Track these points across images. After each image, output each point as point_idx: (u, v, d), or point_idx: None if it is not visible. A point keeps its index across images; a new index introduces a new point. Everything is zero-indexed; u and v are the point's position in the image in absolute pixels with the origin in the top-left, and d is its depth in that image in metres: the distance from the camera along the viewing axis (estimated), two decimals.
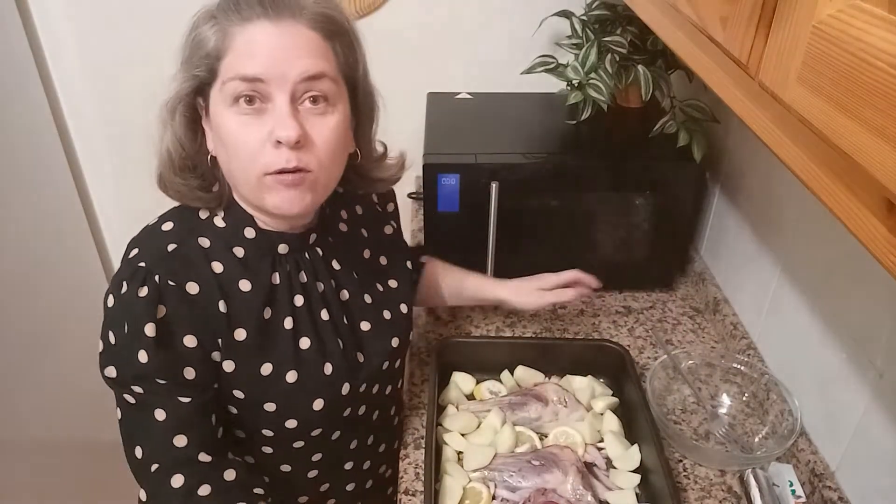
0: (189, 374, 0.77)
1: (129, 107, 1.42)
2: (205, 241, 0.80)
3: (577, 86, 1.28)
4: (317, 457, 0.90)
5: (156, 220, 0.82)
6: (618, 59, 1.26)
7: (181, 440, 0.76)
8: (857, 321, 0.90)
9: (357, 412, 0.91)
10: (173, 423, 0.76)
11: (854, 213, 0.42)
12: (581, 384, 1.11)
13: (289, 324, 0.83)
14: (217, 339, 0.78)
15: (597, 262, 1.35)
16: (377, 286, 0.95)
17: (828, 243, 0.97)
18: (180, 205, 0.83)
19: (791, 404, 1.03)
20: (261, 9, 0.72)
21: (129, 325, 0.74)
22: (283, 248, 0.84)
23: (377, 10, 1.51)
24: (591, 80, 1.26)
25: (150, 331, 0.73)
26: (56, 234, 1.66)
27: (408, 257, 1.04)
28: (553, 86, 1.40)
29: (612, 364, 1.12)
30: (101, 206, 1.80)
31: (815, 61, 0.43)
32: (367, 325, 0.91)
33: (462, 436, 1.03)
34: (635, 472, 0.98)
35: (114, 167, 1.72)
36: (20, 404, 1.53)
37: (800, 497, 0.92)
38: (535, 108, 1.46)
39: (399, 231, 1.05)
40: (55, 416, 1.65)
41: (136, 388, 0.75)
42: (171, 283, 0.75)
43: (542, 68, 1.33)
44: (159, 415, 0.76)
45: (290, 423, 0.84)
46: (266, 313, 0.81)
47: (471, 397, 1.12)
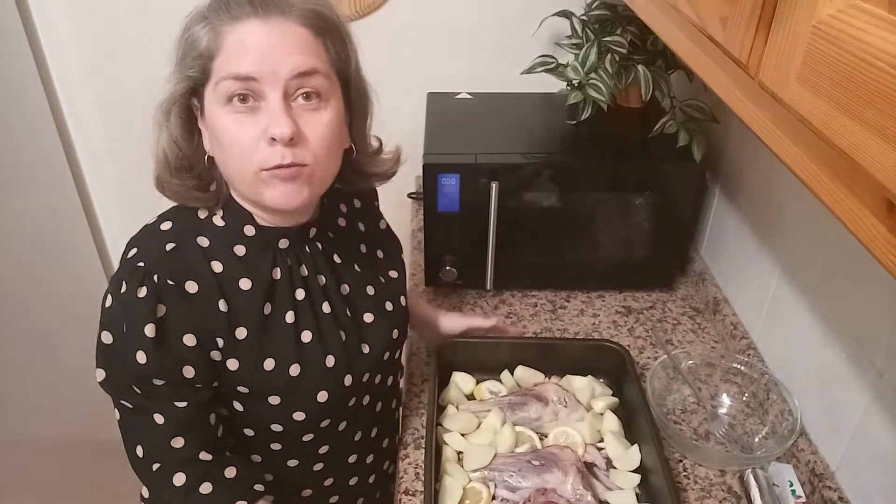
0: (188, 373, 0.77)
1: (129, 107, 1.42)
2: (204, 241, 0.80)
3: (577, 86, 1.28)
4: (323, 449, 0.91)
5: (154, 220, 0.83)
6: (618, 59, 1.26)
7: (179, 441, 0.77)
8: (857, 321, 0.90)
9: (361, 402, 0.92)
10: (172, 426, 0.77)
11: (854, 213, 0.42)
12: (581, 384, 1.11)
13: (290, 318, 0.83)
14: (216, 339, 0.78)
15: (597, 262, 1.35)
16: (379, 278, 0.97)
17: (828, 243, 0.97)
18: (179, 204, 0.83)
19: (791, 404, 1.03)
20: (250, 7, 0.72)
21: (127, 326, 0.74)
22: (284, 243, 0.85)
23: (377, 9, 1.51)
24: (591, 80, 1.26)
25: (149, 331, 0.73)
26: (56, 234, 1.66)
27: (401, 250, 1.05)
28: (553, 86, 1.40)
29: (612, 364, 1.12)
30: (100, 206, 1.80)
31: (815, 61, 0.43)
32: (370, 317, 0.92)
33: (462, 436, 1.03)
34: (635, 472, 0.97)
35: (114, 167, 1.72)
36: (20, 404, 1.53)
37: (800, 497, 0.92)
38: (535, 108, 1.46)
39: (388, 226, 1.06)
40: (55, 416, 1.65)
41: (135, 390, 0.75)
42: (171, 282, 0.75)
43: (542, 68, 1.33)
44: (158, 418, 0.76)
45: (298, 416, 0.84)
46: (266, 309, 0.82)
47: (471, 397, 1.12)
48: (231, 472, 0.79)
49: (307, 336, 0.84)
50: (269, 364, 0.81)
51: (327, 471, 0.94)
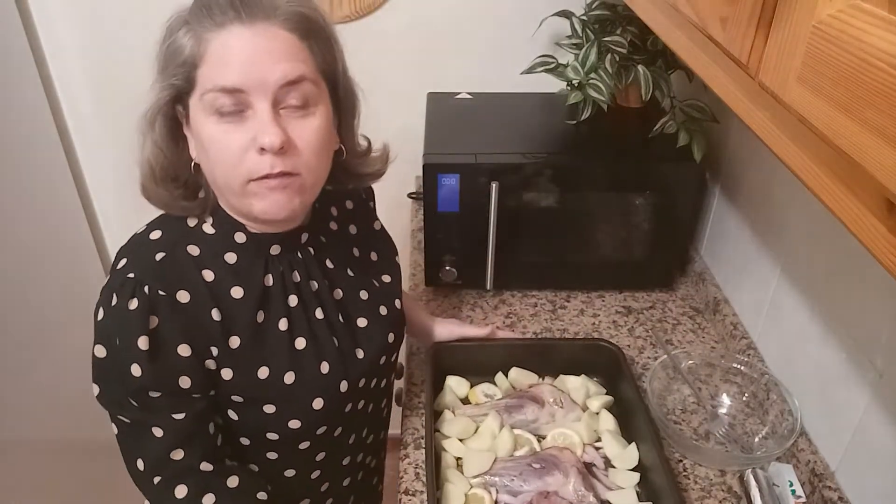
0: (185, 384, 0.76)
1: (129, 107, 1.42)
2: (194, 250, 0.79)
3: (577, 86, 1.28)
4: (320, 456, 0.90)
5: (143, 229, 0.81)
6: (618, 59, 1.26)
7: (179, 454, 0.76)
8: (857, 321, 0.90)
9: (357, 407, 0.91)
10: (171, 439, 0.76)
11: (854, 213, 0.42)
12: (575, 384, 1.11)
13: (283, 325, 0.82)
14: (210, 348, 0.77)
15: (597, 262, 1.35)
16: (372, 282, 0.95)
17: (828, 243, 0.97)
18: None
19: (791, 404, 1.03)
20: (233, 12, 0.70)
21: (120, 339, 0.73)
22: (276, 250, 0.83)
23: (377, 9, 1.51)
24: (591, 80, 1.26)
25: (142, 343, 0.72)
26: (56, 233, 1.66)
27: (396, 252, 1.04)
28: (553, 86, 1.40)
29: (605, 362, 1.12)
30: (100, 206, 1.80)
31: (815, 61, 0.43)
32: (363, 322, 0.91)
33: (460, 441, 1.03)
34: (634, 470, 0.98)
35: (114, 167, 1.72)
36: (20, 404, 1.53)
37: (800, 497, 0.92)
38: (535, 108, 1.45)
39: (383, 226, 1.05)
40: (55, 416, 1.65)
41: (132, 403, 0.75)
42: (162, 292, 0.74)
43: (542, 68, 1.33)
44: (157, 431, 0.76)
45: (294, 424, 0.83)
46: (259, 317, 0.81)
47: (465, 401, 1.12)
48: (233, 482, 0.79)
49: (301, 343, 0.83)
50: (263, 372, 0.80)
51: (324, 477, 0.94)
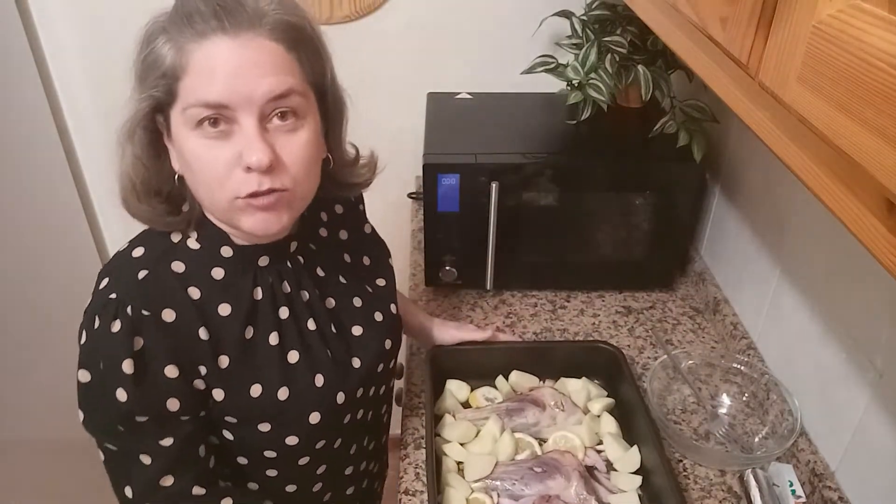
0: (173, 406, 0.73)
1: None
2: (179, 266, 0.76)
3: (577, 86, 1.28)
4: (321, 469, 0.88)
5: (126, 246, 0.78)
6: (618, 59, 1.26)
7: (168, 480, 0.74)
8: (857, 321, 0.90)
9: (356, 417, 0.89)
10: (160, 465, 0.74)
11: (854, 213, 0.42)
12: (576, 386, 1.10)
13: (274, 339, 0.80)
14: (199, 367, 0.74)
15: (597, 262, 1.35)
16: (366, 287, 0.93)
17: (828, 243, 0.97)
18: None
19: (791, 404, 1.03)
20: (216, 21, 0.66)
21: (104, 363, 0.70)
22: (264, 261, 0.81)
23: (377, 9, 1.51)
24: (591, 80, 1.26)
25: (127, 367, 0.70)
26: (56, 233, 1.66)
27: (389, 255, 1.02)
28: (553, 86, 1.40)
29: (605, 364, 1.12)
30: (100, 206, 1.80)
31: (815, 61, 0.43)
32: (359, 330, 0.89)
33: (461, 445, 1.02)
34: (636, 473, 0.97)
35: (114, 167, 1.72)
36: (20, 404, 1.53)
37: (800, 497, 0.92)
38: (535, 108, 1.45)
39: (374, 229, 1.02)
40: (55, 416, 1.64)
41: (118, 429, 0.72)
42: (146, 312, 0.71)
43: (542, 68, 1.33)
44: (145, 459, 0.73)
45: (291, 441, 0.81)
46: (248, 332, 0.78)
47: (466, 405, 1.11)
48: None
49: (294, 356, 0.81)
50: (255, 390, 0.78)
51: (326, 489, 0.92)
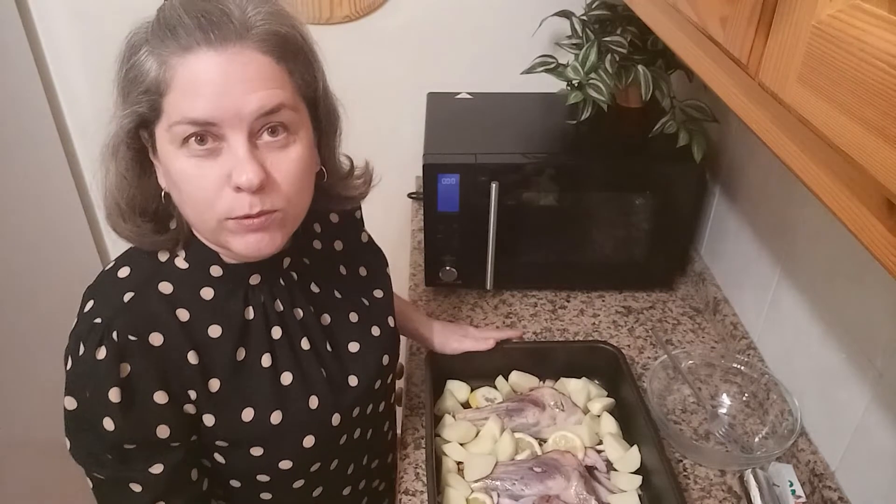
0: (163, 433, 0.71)
1: None
2: (166, 287, 0.73)
3: (577, 86, 1.28)
4: (317, 491, 0.86)
5: (112, 265, 0.76)
6: (618, 59, 1.26)
7: None
8: (857, 321, 0.90)
9: (353, 436, 0.87)
10: (150, 493, 0.72)
11: (854, 213, 0.42)
12: (576, 387, 1.11)
13: (267, 361, 0.77)
14: (189, 392, 0.72)
15: (597, 262, 1.35)
16: (362, 301, 0.90)
17: (828, 243, 0.97)
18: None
19: (791, 404, 1.03)
20: (201, 34, 0.63)
21: (90, 391, 0.68)
22: (256, 279, 0.78)
23: (377, 9, 1.51)
24: (591, 80, 1.26)
25: (114, 396, 0.67)
26: (56, 234, 1.66)
27: (386, 264, 0.99)
28: (553, 86, 1.40)
29: (606, 365, 1.12)
30: (101, 207, 1.80)
31: (815, 61, 0.43)
32: (355, 346, 0.86)
33: (461, 445, 1.02)
34: (636, 473, 0.97)
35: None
36: (20, 404, 1.53)
37: (800, 497, 0.92)
38: (535, 108, 1.45)
39: (371, 237, 0.99)
40: (55, 417, 1.64)
41: (106, 457, 0.71)
42: (132, 337, 0.68)
43: (542, 68, 1.33)
44: (135, 487, 0.72)
45: (285, 465, 0.79)
46: (240, 354, 0.75)
47: (466, 405, 1.11)
48: None
49: (287, 378, 0.78)
50: (247, 414, 0.75)
51: None
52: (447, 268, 1.31)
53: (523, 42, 1.49)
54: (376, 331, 0.90)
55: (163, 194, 0.72)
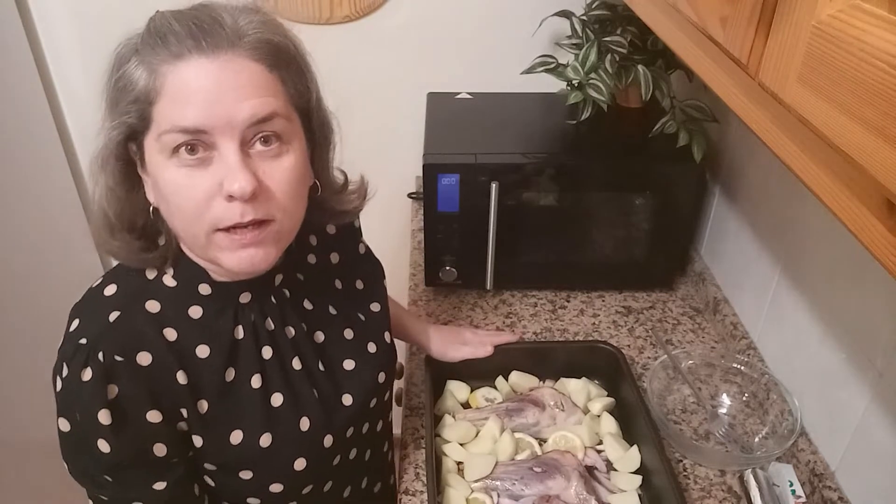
0: (160, 451, 0.69)
1: None
2: (154, 306, 0.71)
3: (577, 86, 1.28)
4: None
5: (99, 282, 0.74)
6: (618, 59, 1.26)
7: None
8: (857, 321, 0.90)
9: (348, 457, 0.85)
10: None
11: (854, 213, 0.42)
12: (576, 387, 1.10)
13: (257, 382, 0.75)
14: (180, 410, 0.71)
15: (597, 262, 1.35)
16: (358, 316, 0.88)
17: (828, 243, 0.97)
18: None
19: (791, 404, 1.03)
20: (192, 41, 0.62)
21: (80, 414, 0.67)
22: (246, 297, 0.76)
23: (377, 9, 1.51)
24: (591, 80, 1.26)
25: (104, 417, 0.66)
26: (55, 234, 1.66)
27: (384, 275, 0.97)
28: (553, 86, 1.40)
29: (606, 365, 1.12)
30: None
31: (815, 61, 0.43)
32: (350, 364, 0.84)
33: (461, 445, 1.02)
34: (636, 473, 0.97)
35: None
36: (20, 404, 1.53)
37: (800, 497, 0.92)
38: (535, 108, 1.45)
39: (368, 248, 0.97)
40: (55, 417, 1.65)
41: (106, 479, 0.70)
42: (119, 357, 0.67)
43: (542, 68, 1.33)
44: None
45: (276, 488, 0.77)
46: (229, 375, 0.74)
47: (466, 405, 1.11)
48: None
49: (277, 399, 0.76)
50: (236, 437, 0.73)
51: None
52: (447, 268, 1.31)
53: (523, 42, 1.49)
54: (372, 347, 0.88)
55: (151, 209, 0.70)
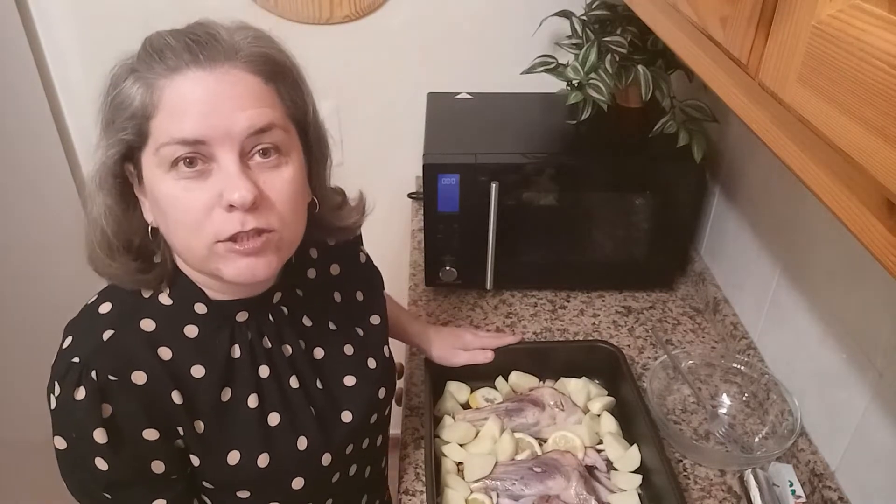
0: (158, 469, 0.70)
1: None
2: (149, 324, 0.71)
3: (577, 86, 1.28)
4: None
5: (94, 299, 0.74)
6: (618, 59, 1.26)
7: None
8: (857, 321, 0.90)
9: (347, 474, 0.85)
10: None
11: (854, 213, 0.42)
12: (576, 386, 1.10)
13: (253, 401, 0.74)
14: (177, 429, 0.71)
15: (597, 262, 1.35)
16: (357, 331, 0.88)
17: (828, 243, 0.97)
18: None
19: (791, 404, 1.03)
20: (189, 55, 0.62)
21: (76, 433, 0.67)
22: (243, 316, 0.75)
23: (377, 9, 1.51)
24: (591, 80, 1.26)
25: (99, 436, 0.66)
26: (56, 234, 1.66)
27: (383, 286, 0.97)
28: (553, 86, 1.40)
29: (606, 364, 1.12)
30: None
31: (815, 61, 0.43)
32: (351, 380, 0.84)
33: (461, 446, 1.02)
34: (636, 472, 0.97)
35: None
36: (20, 404, 1.53)
37: (800, 497, 0.92)
38: (535, 108, 1.45)
39: (368, 256, 0.97)
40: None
41: (106, 497, 0.70)
42: (112, 377, 0.66)
43: (542, 68, 1.33)
44: None
45: None
46: (225, 395, 0.73)
47: (466, 406, 1.11)
48: None
49: (274, 419, 0.75)
50: (233, 457, 0.73)
51: None
52: (447, 268, 1.31)
53: (523, 42, 1.49)
54: (372, 363, 0.88)
55: (149, 230, 0.70)
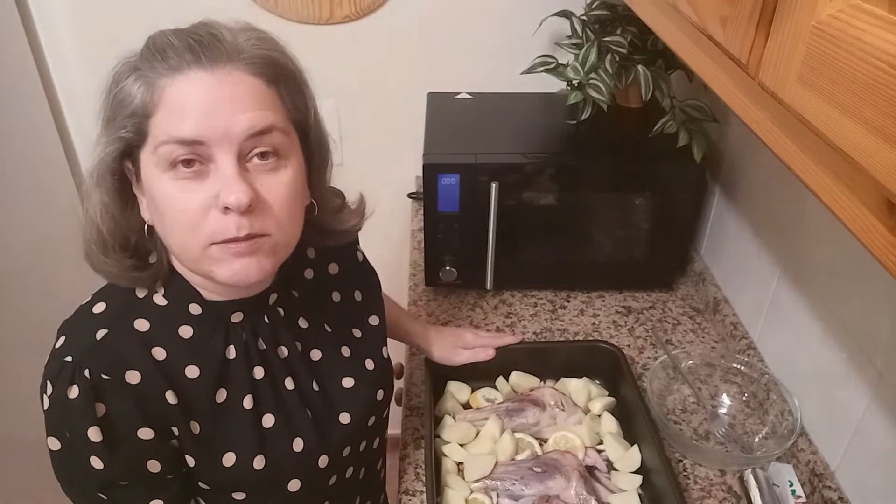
0: (154, 468, 0.69)
1: None
2: (143, 324, 0.71)
3: (577, 86, 1.28)
4: None
5: (89, 299, 0.74)
6: (618, 59, 1.26)
7: None
8: (857, 321, 0.90)
9: (344, 476, 0.84)
10: None
11: (854, 213, 0.42)
12: (577, 386, 1.10)
13: (248, 403, 0.74)
14: (173, 428, 0.70)
15: (597, 262, 1.35)
16: (354, 332, 0.88)
17: (828, 243, 0.97)
18: None
19: (791, 404, 1.03)
20: (191, 56, 0.62)
21: (70, 432, 0.66)
22: (238, 317, 0.75)
23: (377, 9, 1.51)
24: (591, 80, 1.26)
25: (94, 435, 0.65)
26: (56, 234, 1.66)
27: (380, 286, 0.96)
28: (553, 86, 1.40)
29: (607, 364, 1.12)
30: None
31: (815, 61, 0.43)
32: (350, 382, 0.83)
33: (461, 446, 1.02)
34: (636, 472, 0.97)
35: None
36: (21, 404, 1.53)
37: (800, 497, 0.92)
38: (535, 108, 1.45)
39: (365, 256, 0.96)
40: None
41: (101, 497, 0.69)
42: (105, 376, 0.66)
43: (542, 68, 1.33)
44: None
45: None
46: (220, 396, 0.73)
47: (466, 406, 1.11)
48: None
49: (269, 420, 0.75)
50: (228, 459, 0.72)
51: None
52: (447, 268, 1.31)
53: (523, 42, 1.49)
54: (370, 364, 0.87)
55: (145, 228, 0.70)
